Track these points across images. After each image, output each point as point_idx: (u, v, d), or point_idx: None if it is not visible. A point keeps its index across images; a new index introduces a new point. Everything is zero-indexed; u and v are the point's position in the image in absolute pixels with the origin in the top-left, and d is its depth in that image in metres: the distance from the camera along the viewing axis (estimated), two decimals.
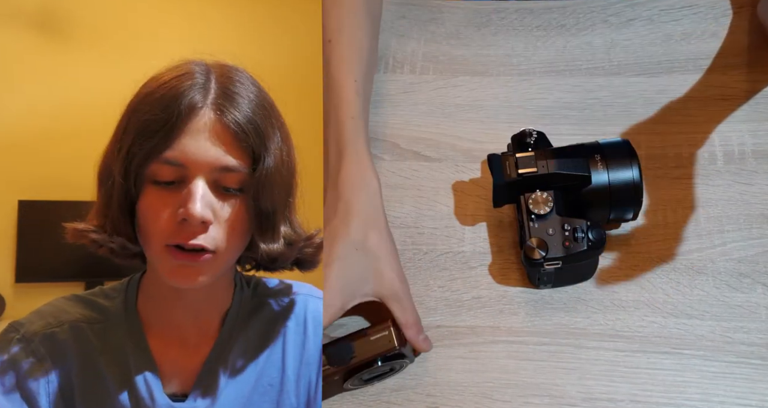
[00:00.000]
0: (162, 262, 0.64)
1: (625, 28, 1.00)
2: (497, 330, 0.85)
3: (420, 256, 0.90)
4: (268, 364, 0.68)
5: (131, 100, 0.64)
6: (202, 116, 0.62)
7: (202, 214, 0.61)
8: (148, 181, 0.63)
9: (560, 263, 0.79)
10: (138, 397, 0.65)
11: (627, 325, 0.84)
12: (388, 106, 0.99)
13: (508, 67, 0.99)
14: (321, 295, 0.72)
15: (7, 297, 0.87)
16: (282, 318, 0.69)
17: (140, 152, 0.62)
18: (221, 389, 0.66)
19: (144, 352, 0.66)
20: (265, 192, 0.64)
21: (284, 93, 0.87)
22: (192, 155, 0.62)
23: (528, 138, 0.83)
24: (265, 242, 0.65)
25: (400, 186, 0.94)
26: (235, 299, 0.69)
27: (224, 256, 0.64)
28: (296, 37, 0.87)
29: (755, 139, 0.92)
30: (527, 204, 0.80)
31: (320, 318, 0.70)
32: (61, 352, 0.65)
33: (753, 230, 0.87)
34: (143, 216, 0.63)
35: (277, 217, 0.65)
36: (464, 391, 0.82)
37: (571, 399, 0.81)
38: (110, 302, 0.68)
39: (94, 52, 0.82)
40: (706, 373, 0.81)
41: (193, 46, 0.85)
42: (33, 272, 0.86)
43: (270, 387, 0.67)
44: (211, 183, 0.63)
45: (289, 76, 0.86)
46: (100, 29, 0.83)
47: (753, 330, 0.83)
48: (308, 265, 0.69)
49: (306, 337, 0.69)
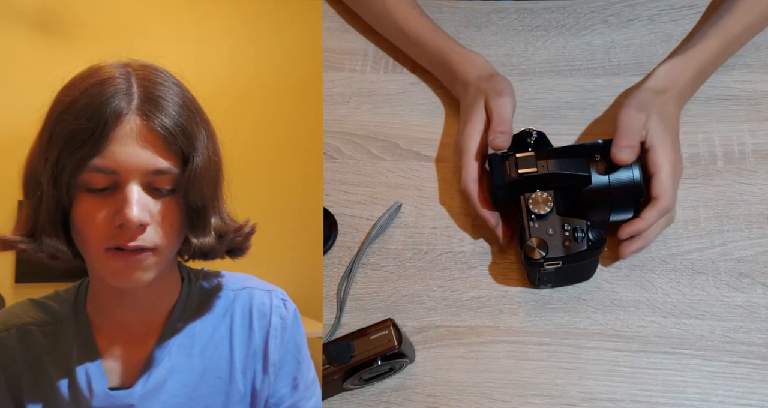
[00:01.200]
0: (103, 265, 0.65)
1: (625, 28, 1.00)
2: (497, 330, 0.85)
3: (420, 256, 0.90)
4: (215, 357, 0.69)
5: (51, 108, 0.65)
6: (128, 122, 0.63)
7: (139, 217, 0.63)
8: (81, 189, 0.64)
9: (560, 263, 0.79)
10: (77, 388, 0.66)
11: (627, 325, 0.84)
12: (388, 106, 0.99)
13: (508, 67, 0.99)
14: (266, 288, 0.73)
15: (7, 297, 0.88)
16: (228, 311, 0.71)
17: (70, 162, 0.63)
18: (164, 380, 0.68)
19: (89, 348, 0.68)
20: (196, 190, 0.65)
21: (282, 92, 0.87)
22: (123, 161, 0.63)
23: (528, 138, 0.83)
24: (197, 237, 0.67)
25: (400, 186, 0.94)
26: (182, 292, 0.71)
27: (163, 252, 0.66)
28: (296, 37, 0.87)
29: (755, 139, 0.92)
30: (527, 204, 0.80)
31: (265, 310, 0.71)
32: (9, 356, 0.67)
33: (753, 230, 0.87)
34: (79, 223, 0.64)
35: (208, 211, 0.67)
36: (464, 391, 0.82)
37: (571, 399, 0.81)
38: (62, 305, 0.69)
39: (94, 52, 0.82)
40: (706, 373, 0.81)
41: (192, 46, 0.85)
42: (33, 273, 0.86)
43: (219, 379, 0.69)
44: (144, 186, 0.64)
45: (289, 77, 0.86)
46: (100, 29, 0.82)
47: (753, 330, 0.83)
48: (237, 252, 0.71)
49: (252, 330, 0.71)
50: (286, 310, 0.71)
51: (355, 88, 1.00)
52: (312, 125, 0.85)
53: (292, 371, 0.71)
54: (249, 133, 0.87)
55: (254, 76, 0.89)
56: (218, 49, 0.88)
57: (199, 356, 0.69)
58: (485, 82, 0.90)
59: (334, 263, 0.91)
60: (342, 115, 0.99)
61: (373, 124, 0.98)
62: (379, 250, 0.91)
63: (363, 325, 0.80)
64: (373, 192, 0.94)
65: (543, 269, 0.80)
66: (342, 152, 0.96)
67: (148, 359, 0.68)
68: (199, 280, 0.72)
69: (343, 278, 0.89)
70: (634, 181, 0.80)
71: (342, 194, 0.94)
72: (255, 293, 0.72)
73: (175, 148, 0.64)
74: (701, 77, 0.91)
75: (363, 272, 0.90)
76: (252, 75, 0.89)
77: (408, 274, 0.89)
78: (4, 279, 0.88)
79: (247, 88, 0.88)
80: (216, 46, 0.88)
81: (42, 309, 0.69)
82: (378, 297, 0.88)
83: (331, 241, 0.91)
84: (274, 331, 0.71)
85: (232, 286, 0.72)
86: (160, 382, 0.68)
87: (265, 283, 0.73)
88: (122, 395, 0.67)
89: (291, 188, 0.88)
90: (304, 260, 0.81)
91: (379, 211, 0.92)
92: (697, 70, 0.89)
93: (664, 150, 0.82)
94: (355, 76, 1.01)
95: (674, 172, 0.82)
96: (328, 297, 0.89)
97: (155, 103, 0.64)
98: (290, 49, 0.87)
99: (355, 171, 0.95)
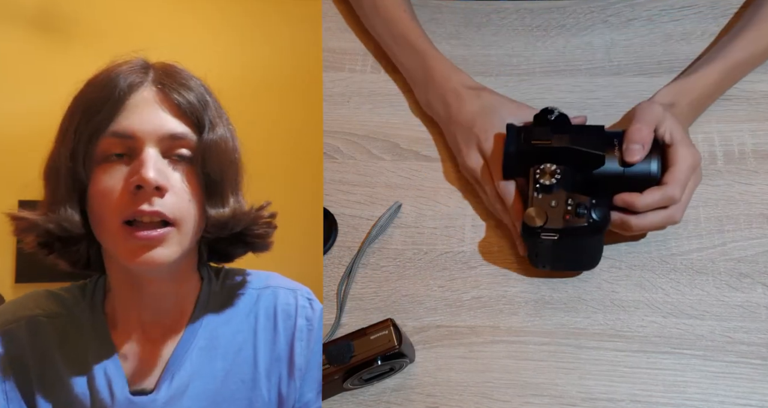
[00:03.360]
0: (120, 244, 0.64)
1: (625, 28, 1.00)
2: (497, 330, 0.85)
3: (420, 256, 0.90)
4: (239, 360, 0.67)
5: (74, 97, 0.66)
6: (144, 90, 0.64)
7: (156, 177, 0.62)
8: (98, 162, 0.64)
9: (557, 236, 0.77)
10: (96, 391, 0.65)
11: (627, 325, 0.84)
12: (388, 106, 0.99)
13: (508, 67, 0.99)
14: (291, 286, 0.71)
15: (7, 297, 0.87)
16: (252, 311, 0.69)
17: (87, 130, 0.63)
18: (187, 385, 0.66)
19: (106, 346, 0.66)
20: (213, 159, 0.65)
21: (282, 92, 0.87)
22: (138, 125, 0.63)
23: (549, 115, 0.81)
24: (214, 207, 0.66)
25: (400, 186, 0.94)
26: (203, 291, 0.69)
27: (182, 226, 0.64)
28: (296, 37, 0.87)
29: (755, 139, 0.92)
30: (535, 174, 0.79)
31: (290, 310, 0.69)
32: (18, 349, 0.65)
33: (753, 230, 0.87)
34: (96, 195, 0.64)
35: (225, 185, 0.66)
36: (464, 391, 0.82)
37: (571, 399, 0.81)
38: (77, 297, 0.68)
39: (94, 52, 0.82)
40: (706, 373, 0.81)
41: (193, 46, 0.85)
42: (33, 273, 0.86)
43: (242, 383, 0.67)
44: (162, 152, 0.64)
45: (289, 77, 0.86)
46: (100, 29, 0.82)
47: (753, 330, 0.82)
48: (260, 246, 0.69)
49: (276, 332, 0.69)
50: (312, 310, 0.70)
51: (355, 88, 1.00)
52: (312, 125, 0.85)
53: (317, 375, 0.69)
54: (249, 133, 0.87)
55: (254, 76, 0.89)
56: (218, 49, 0.88)
57: (222, 359, 0.67)
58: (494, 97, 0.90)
59: (334, 263, 0.91)
60: (342, 115, 0.99)
61: (373, 124, 0.98)
62: (379, 250, 0.91)
63: (363, 325, 0.80)
64: (373, 192, 0.94)
65: (540, 241, 0.78)
66: (342, 152, 0.96)
67: (169, 362, 0.66)
68: (220, 279, 0.70)
69: (343, 278, 0.89)
70: (651, 174, 0.79)
71: (342, 194, 0.94)
72: (279, 292, 0.70)
73: (191, 116, 0.65)
74: (702, 102, 0.90)
75: (363, 272, 0.90)
76: (252, 75, 0.89)
77: (408, 274, 0.89)
78: (4, 279, 0.88)
79: (247, 88, 0.88)
80: (215, 46, 0.88)
81: (55, 300, 0.67)
82: (378, 297, 0.88)
83: (331, 241, 0.91)
84: (300, 333, 0.69)
85: (256, 285, 0.70)
86: (182, 387, 0.66)
87: (290, 281, 0.71)
88: (145, 402, 0.65)
89: (291, 188, 0.88)
90: (304, 260, 0.81)
91: (379, 211, 0.92)
92: (700, 93, 0.88)
93: (686, 147, 0.80)
94: (355, 76, 1.01)
95: (693, 168, 0.80)
96: (328, 297, 0.89)
97: (171, 76, 0.66)
98: (290, 49, 0.87)
99: (355, 171, 0.95)
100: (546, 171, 0.79)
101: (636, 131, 0.79)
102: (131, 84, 0.64)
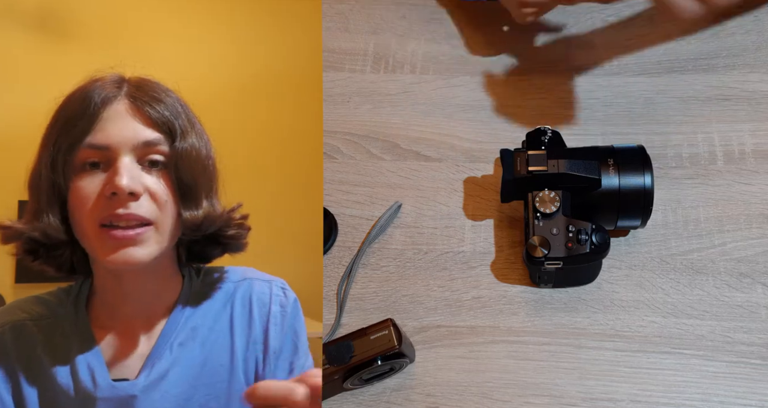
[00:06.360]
0: (99, 245, 0.67)
1: (625, 28, 1.00)
2: (497, 330, 0.85)
3: (420, 256, 0.90)
4: (216, 347, 0.70)
5: (55, 111, 0.69)
6: (117, 104, 0.68)
7: (129, 184, 0.65)
8: (76, 171, 0.67)
9: (561, 264, 0.79)
10: (79, 380, 0.68)
11: (627, 325, 0.84)
12: (388, 106, 0.99)
13: (509, 67, 0.99)
14: (267, 278, 0.74)
15: (7, 297, 0.87)
16: (229, 302, 0.72)
17: (65, 142, 0.67)
18: (166, 372, 0.69)
19: (88, 342, 0.69)
20: (184, 165, 0.68)
21: (282, 92, 0.87)
22: (113, 135, 0.67)
23: (542, 136, 0.83)
24: (188, 209, 0.69)
25: (400, 186, 0.94)
26: (184, 288, 0.72)
27: (159, 226, 0.68)
28: (296, 37, 0.87)
29: (755, 139, 0.92)
30: (534, 202, 0.80)
31: (264, 299, 0.72)
32: (4, 353, 0.68)
33: (753, 230, 0.87)
34: (75, 200, 0.67)
35: (199, 190, 0.69)
36: (464, 391, 0.82)
37: (571, 399, 0.81)
38: (61, 300, 0.71)
39: (94, 52, 0.82)
40: (706, 373, 0.81)
41: (192, 46, 0.85)
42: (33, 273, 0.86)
43: (221, 367, 0.70)
44: (137, 159, 0.67)
45: (289, 77, 0.86)
46: (101, 29, 0.83)
47: (753, 330, 0.83)
48: (234, 246, 0.72)
49: (252, 319, 0.72)
50: (285, 298, 0.73)
51: (355, 88, 1.00)
52: (312, 125, 0.85)
53: (289, 357, 0.72)
54: (249, 133, 0.87)
55: (254, 76, 0.89)
56: (217, 49, 0.88)
57: (200, 347, 0.70)
58: None
59: (334, 263, 0.91)
60: (342, 115, 0.99)
61: (373, 124, 0.98)
62: (379, 250, 0.91)
63: (363, 325, 0.80)
64: (373, 192, 0.94)
65: (543, 268, 0.80)
66: (342, 152, 0.96)
67: (150, 354, 0.69)
68: (201, 276, 0.73)
69: (343, 278, 0.89)
70: (645, 189, 0.80)
71: (342, 194, 0.94)
72: (255, 283, 0.73)
73: (162, 125, 0.68)
74: None
75: (363, 272, 0.90)
76: (252, 75, 0.89)
77: (408, 274, 0.89)
78: (4, 279, 0.88)
79: (247, 88, 0.89)
80: (215, 46, 0.88)
81: (40, 304, 0.71)
82: (378, 297, 0.88)
83: (331, 241, 0.91)
84: (274, 318, 0.72)
85: (233, 279, 0.73)
86: (162, 373, 0.69)
87: (265, 274, 0.74)
88: (125, 386, 0.68)
89: (291, 188, 0.88)
90: (304, 260, 0.81)
91: (379, 211, 0.92)
92: None
93: None
94: (355, 76, 1.01)
95: None
96: (328, 297, 0.89)
97: (143, 89, 0.69)
98: (290, 49, 0.87)
99: (355, 171, 0.95)
100: (545, 199, 0.80)
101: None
102: (105, 98, 0.68)
